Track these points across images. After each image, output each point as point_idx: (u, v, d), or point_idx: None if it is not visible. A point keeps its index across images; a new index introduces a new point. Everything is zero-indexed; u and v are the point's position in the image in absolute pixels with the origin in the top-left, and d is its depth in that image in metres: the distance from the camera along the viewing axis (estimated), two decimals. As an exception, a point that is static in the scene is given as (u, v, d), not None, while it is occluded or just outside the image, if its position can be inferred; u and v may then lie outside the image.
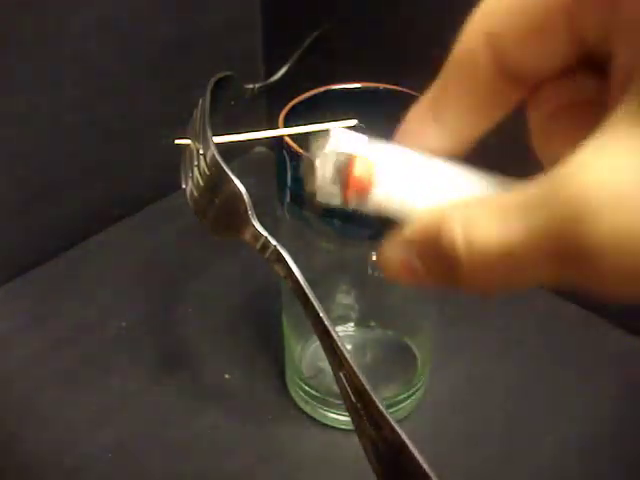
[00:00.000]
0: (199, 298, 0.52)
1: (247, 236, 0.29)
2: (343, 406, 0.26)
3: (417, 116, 0.20)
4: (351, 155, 0.21)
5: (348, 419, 0.26)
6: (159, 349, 0.48)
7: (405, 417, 0.43)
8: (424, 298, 0.43)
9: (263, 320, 0.50)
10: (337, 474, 0.40)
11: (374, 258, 0.42)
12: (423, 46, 0.32)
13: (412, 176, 0.20)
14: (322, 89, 0.38)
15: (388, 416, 0.24)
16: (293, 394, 0.44)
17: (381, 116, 0.38)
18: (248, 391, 0.45)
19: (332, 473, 0.40)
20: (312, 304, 0.27)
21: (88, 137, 0.55)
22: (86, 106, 0.54)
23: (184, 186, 0.32)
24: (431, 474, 0.22)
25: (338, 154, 0.21)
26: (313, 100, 0.38)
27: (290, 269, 0.28)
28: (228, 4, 0.60)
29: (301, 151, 0.34)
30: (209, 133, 0.30)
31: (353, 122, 0.35)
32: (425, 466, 0.23)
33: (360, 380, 0.25)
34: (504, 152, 0.31)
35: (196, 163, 0.30)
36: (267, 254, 0.29)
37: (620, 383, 0.46)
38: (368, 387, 0.25)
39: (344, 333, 0.45)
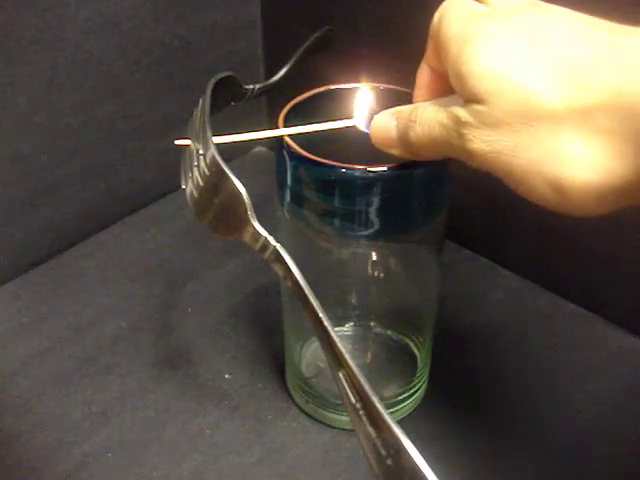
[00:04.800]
0: (199, 298, 0.52)
1: (247, 236, 0.29)
2: (343, 406, 0.26)
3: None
4: None
5: (348, 419, 0.26)
6: (159, 349, 0.48)
7: (405, 417, 0.43)
8: (424, 298, 0.43)
9: (263, 320, 0.50)
10: (337, 474, 0.40)
11: (374, 258, 0.42)
12: (423, 46, 0.32)
13: None
14: (322, 89, 0.38)
15: (387, 417, 0.24)
16: (293, 394, 0.44)
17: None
18: (248, 391, 0.45)
19: (332, 473, 0.40)
20: (312, 304, 0.27)
21: (88, 137, 0.55)
22: (86, 106, 0.54)
23: (184, 186, 0.32)
24: (430, 475, 0.22)
25: None
26: (313, 100, 0.38)
27: (289, 269, 0.28)
28: (228, 4, 0.60)
29: (301, 151, 0.34)
30: (209, 133, 0.30)
31: (353, 122, 0.35)
32: (424, 467, 0.23)
33: (360, 381, 0.25)
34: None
35: (196, 163, 0.30)
36: (267, 254, 0.29)
37: (620, 383, 0.46)
38: (367, 388, 0.25)
39: (344, 333, 0.45)
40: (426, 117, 0.29)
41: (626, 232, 0.46)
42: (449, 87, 0.28)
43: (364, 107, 0.36)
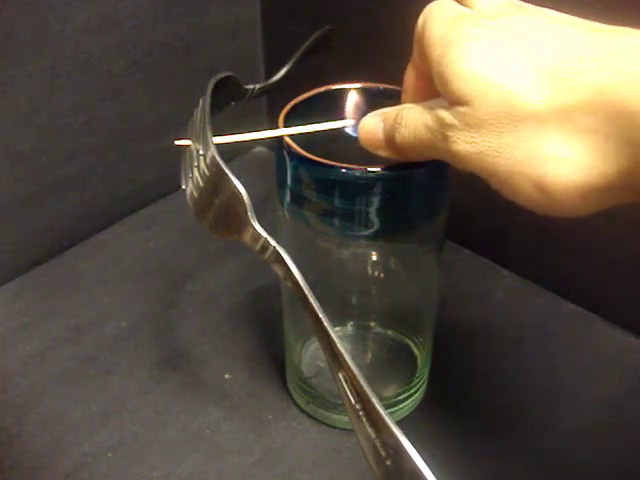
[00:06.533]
0: (199, 298, 0.52)
1: (247, 237, 0.29)
2: (343, 406, 0.26)
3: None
4: None
5: (348, 419, 0.26)
6: (159, 349, 0.48)
7: (405, 417, 0.43)
8: (424, 298, 0.43)
9: (263, 320, 0.50)
10: (337, 474, 0.40)
11: (374, 258, 0.42)
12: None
13: None
14: (322, 89, 0.38)
15: (387, 418, 0.24)
16: (293, 394, 0.44)
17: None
18: (248, 391, 0.45)
19: (332, 473, 0.40)
20: (311, 304, 0.27)
21: (88, 137, 0.55)
22: (86, 106, 0.54)
23: (184, 187, 0.32)
24: (430, 476, 0.22)
25: None
26: (313, 100, 0.38)
27: (289, 270, 0.28)
28: (228, 4, 0.60)
29: (301, 151, 0.34)
30: (209, 134, 0.30)
31: (352, 122, 0.35)
32: (424, 468, 0.23)
33: (359, 382, 0.25)
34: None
35: (196, 164, 0.30)
36: (267, 255, 0.29)
37: (620, 383, 0.46)
38: (367, 389, 0.25)
39: (344, 333, 0.45)
40: (411, 119, 0.30)
41: (625, 232, 0.46)
42: (435, 90, 0.29)
43: (353, 110, 0.36)
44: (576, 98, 0.24)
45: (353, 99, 0.37)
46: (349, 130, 0.35)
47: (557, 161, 0.25)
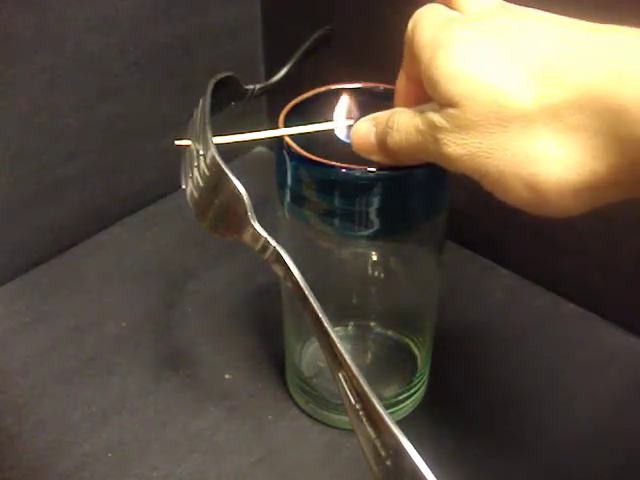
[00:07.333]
0: (199, 298, 0.52)
1: (247, 237, 0.29)
2: (343, 406, 0.26)
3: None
4: None
5: (348, 419, 0.26)
6: (159, 349, 0.48)
7: (405, 417, 0.43)
8: (424, 298, 0.43)
9: (263, 320, 0.50)
10: (337, 474, 0.40)
11: (374, 258, 0.42)
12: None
13: None
14: (322, 89, 0.38)
15: (387, 418, 0.24)
16: (293, 394, 0.44)
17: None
18: (248, 391, 0.45)
19: (332, 473, 0.40)
20: (312, 304, 0.27)
21: (88, 137, 0.55)
22: (86, 106, 0.54)
23: (184, 187, 0.32)
24: (430, 476, 0.22)
25: None
26: (313, 100, 0.38)
27: (289, 270, 0.28)
28: (228, 4, 0.60)
29: (301, 151, 0.34)
30: (209, 134, 0.30)
31: (352, 122, 0.35)
32: (424, 468, 0.23)
33: (359, 382, 0.25)
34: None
35: (196, 164, 0.30)
36: (267, 255, 0.29)
37: (620, 383, 0.46)
38: (367, 389, 0.25)
39: (344, 333, 0.45)
40: (403, 123, 0.30)
41: (625, 232, 0.46)
42: (426, 93, 0.29)
43: (353, 110, 0.36)
44: (564, 96, 0.25)
45: (353, 99, 0.37)
46: (341, 136, 0.35)
47: (547, 160, 0.25)
